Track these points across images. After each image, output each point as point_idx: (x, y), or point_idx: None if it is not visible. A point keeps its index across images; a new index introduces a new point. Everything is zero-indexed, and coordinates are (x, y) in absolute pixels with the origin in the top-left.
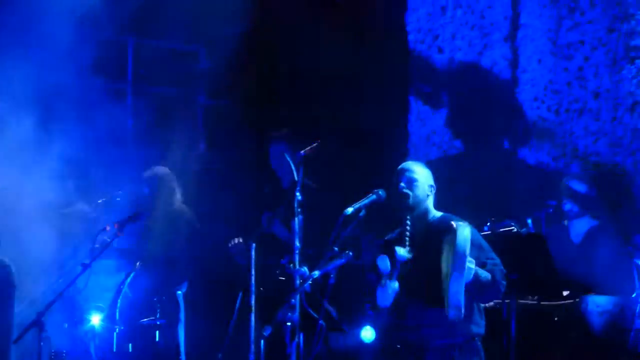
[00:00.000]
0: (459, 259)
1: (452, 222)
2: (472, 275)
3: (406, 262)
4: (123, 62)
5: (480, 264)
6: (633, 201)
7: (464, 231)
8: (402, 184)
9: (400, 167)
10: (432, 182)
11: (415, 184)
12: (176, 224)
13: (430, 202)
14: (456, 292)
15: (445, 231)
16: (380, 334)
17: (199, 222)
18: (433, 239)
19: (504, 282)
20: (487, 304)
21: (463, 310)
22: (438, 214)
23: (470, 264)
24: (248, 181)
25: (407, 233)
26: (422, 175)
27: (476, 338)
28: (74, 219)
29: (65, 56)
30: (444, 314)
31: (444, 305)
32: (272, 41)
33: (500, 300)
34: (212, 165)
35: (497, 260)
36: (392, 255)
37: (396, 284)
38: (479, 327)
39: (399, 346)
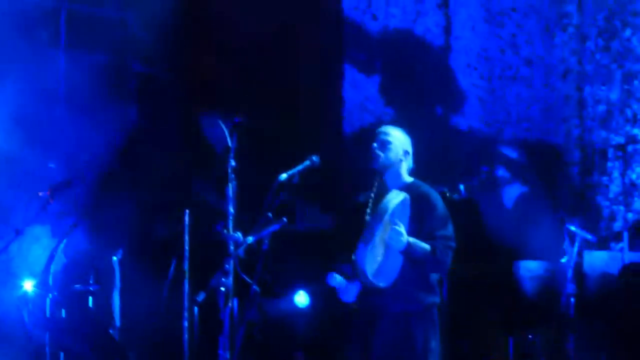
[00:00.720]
0: (369, 228)
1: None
2: (403, 245)
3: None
4: (56, 28)
5: (430, 236)
6: (564, 171)
7: (392, 199)
8: (375, 145)
9: (377, 129)
10: (408, 147)
11: (388, 146)
12: (111, 190)
13: (403, 168)
14: (361, 259)
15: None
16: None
17: (133, 188)
18: None
19: (447, 260)
20: None
21: (372, 277)
22: (409, 179)
23: (400, 236)
24: (181, 148)
25: (372, 195)
26: (397, 139)
27: (432, 307)
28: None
29: None
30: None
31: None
32: (203, 8)
33: None
34: (145, 132)
35: (449, 234)
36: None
37: (357, 286)
38: (433, 295)
39: (358, 309)
